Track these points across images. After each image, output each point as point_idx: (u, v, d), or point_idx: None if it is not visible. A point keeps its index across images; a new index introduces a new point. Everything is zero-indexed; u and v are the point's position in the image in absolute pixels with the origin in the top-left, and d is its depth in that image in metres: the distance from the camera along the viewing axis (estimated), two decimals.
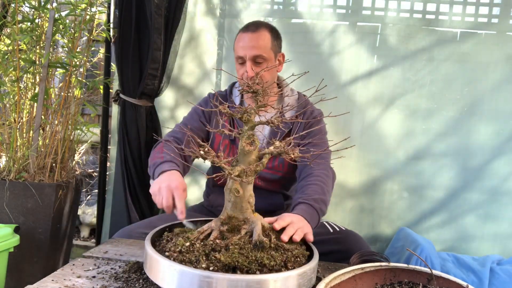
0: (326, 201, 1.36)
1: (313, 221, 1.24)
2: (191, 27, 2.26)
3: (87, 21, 2.07)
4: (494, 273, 1.78)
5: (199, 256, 0.89)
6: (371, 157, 2.15)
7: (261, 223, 0.96)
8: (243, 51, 1.52)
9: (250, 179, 0.96)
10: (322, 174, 1.43)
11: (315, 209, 1.28)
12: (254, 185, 1.61)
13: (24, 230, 1.82)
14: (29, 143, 1.98)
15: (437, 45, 2.07)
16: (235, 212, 0.98)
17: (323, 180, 1.41)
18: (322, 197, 1.34)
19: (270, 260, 0.88)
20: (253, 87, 1.01)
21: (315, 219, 1.27)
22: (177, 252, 0.92)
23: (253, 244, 0.92)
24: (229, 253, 0.89)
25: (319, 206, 1.30)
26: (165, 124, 2.27)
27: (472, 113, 2.07)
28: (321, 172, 1.43)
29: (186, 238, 0.96)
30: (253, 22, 1.62)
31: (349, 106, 2.15)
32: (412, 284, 0.90)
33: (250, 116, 0.98)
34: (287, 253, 0.93)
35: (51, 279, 0.99)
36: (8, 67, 1.97)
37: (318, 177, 1.41)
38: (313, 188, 1.37)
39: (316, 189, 1.36)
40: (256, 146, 0.97)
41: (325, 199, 1.35)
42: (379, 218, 2.17)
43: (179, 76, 2.29)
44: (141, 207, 2.11)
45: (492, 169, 2.06)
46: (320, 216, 1.30)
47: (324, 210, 1.34)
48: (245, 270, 0.87)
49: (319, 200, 1.32)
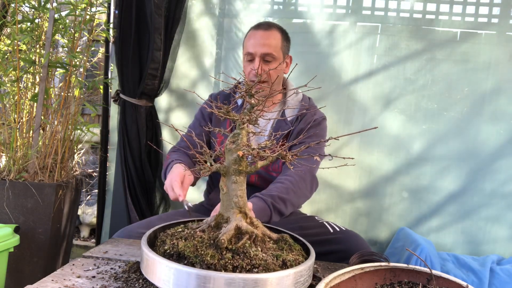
0: (287, 200, 1.37)
1: (262, 216, 1.27)
2: (190, 27, 2.26)
3: (87, 21, 2.07)
4: (494, 273, 1.78)
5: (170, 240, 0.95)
6: (371, 157, 2.15)
7: (236, 224, 0.96)
8: (254, 47, 1.53)
9: (236, 179, 0.97)
10: (294, 175, 1.43)
11: (267, 204, 1.30)
12: (252, 184, 1.63)
13: (24, 230, 1.82)
14: (29, 143, 1.98)
15: (437, 45, 2.07)
16: (222, 210, 1.00)
17: (293, 181, 1.41)
18: (282, 195, 1.35)
19: (213, 259, 0.88)
20: (251, 91, 1.01)
21: (266, 214, 1.29)
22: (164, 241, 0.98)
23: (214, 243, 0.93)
24: (186, 243, 0.92)
25: (273, 202, 1.32)
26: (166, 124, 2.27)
27: (472, 113, 2.07)
28: (294, 173, 1.43)
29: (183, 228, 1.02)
30: (264, 21, 1.65)
31: (349, 106, 2.15)
32: (412, 284, 0.90)
33: (243, 123, 0.99)
34: (245, 260, 0.89)
35: (51, 279, 0.99)
36: (8, 67, 1.97)
37: (288, 177, 1.43)
38: (276, 185, 1.39)
39: (279, 187, 1.38)
40: (237, 144, 0.97)
41: (285, 198, 1.36)
42: (379, 219, 2.17)
43: (180, 76, 2.29)
44: (141, 207, 2.11)
45: (493, 170, 2.06)
46: (273, 212, 1.32)
47: (280, 208, 1.34)
48: (191, 262, 0.89)
49: (277, 197, 1.33)
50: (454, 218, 2.09)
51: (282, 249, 0.97)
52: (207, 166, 0.97)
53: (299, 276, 0.91)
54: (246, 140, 0.99)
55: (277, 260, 0.91)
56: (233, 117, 0.99)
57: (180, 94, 2.29)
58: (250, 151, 0.95)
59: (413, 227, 2.12)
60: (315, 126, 1.60)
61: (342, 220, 2.17)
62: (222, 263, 0.87)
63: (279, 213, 1.35)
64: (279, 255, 0.93)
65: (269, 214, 1.31)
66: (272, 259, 0.91)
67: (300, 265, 0.93)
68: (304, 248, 1.06)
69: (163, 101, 2.30)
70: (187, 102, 2.28)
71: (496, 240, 2.07)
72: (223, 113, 0.98)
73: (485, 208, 2.07)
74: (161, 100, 2.29)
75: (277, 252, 0.94)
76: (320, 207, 2.19)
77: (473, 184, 2.07)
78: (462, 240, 2.09)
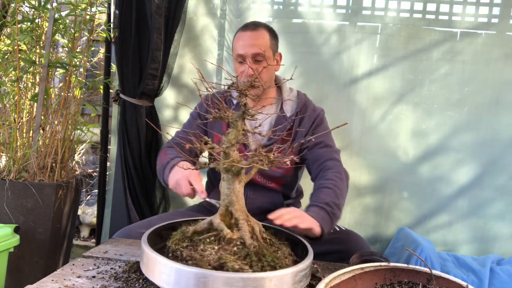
0: (339, 204, 1.36)
1: (325, 223, 1.25)
2: (192, 28, 2.26)
3: (87, 21, 2.07)
4: (494, 273, 1.78)
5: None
6: (372, 158, 2.15)
7: (211, 220, 1.00)
8: (243, 49, 1.54)
9: (224, 176, 1.00)
10: (334, 177, 1.43)
11: (326, 211, 1.29)
12: (253, 182, 1.63)
13: (24, 230, 1.82)
14: (29, 143, 1.97)
15: (437, 45, 2.07)
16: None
17: (336, 183, 1.41)
18: (334, 200, 1.34)
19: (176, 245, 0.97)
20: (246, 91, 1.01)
21: (327, 221, 1.27)
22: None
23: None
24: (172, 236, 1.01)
25: (331, 209, 1.30)
26: (166, 125, 2.27)
27: (472, 113, 2.07)
28: (333, 175, 1.44)
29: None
30: (251, 22, 1.65)
31: (349, 106, 2.15)
32: (412, 284, 0.90)
33: (237, 122, 1.00)
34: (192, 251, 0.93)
35: (51, 279, 0.99)
36: (8, 67, 1.97)
37: (331, 180, 1.42)
38: (325, 191, 1.38)
39: (328, 192, 1.37)
40: (228, 141, 0.99)
41: (338, 202, 1.35)
42: (381, 218, 2.16)
43: (180, 76, 2.29)
44: (141, 207, 2.11)
45: (494, 170, 2.06)
46: (333, 219, 1.31)
47: (337, 213, 1.34)
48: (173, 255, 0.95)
49: (331, 203, 1.32)
50: (456, 216, 2.09)
51: (244, 257, 0.92)
52: (198, 162, 1.01)
53: (298, 275, 0.91)
54: (240, 138, 0.99)
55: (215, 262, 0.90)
56: (224, 116, 1.00)
57: (190, 90, 2.29)
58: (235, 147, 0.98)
59: (414, 227, 2.12)
60: (321, 123, 1.63)
61: (342, 219, 2.17)
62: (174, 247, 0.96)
63: (337, 219, 1.35)
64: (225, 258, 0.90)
65: (329, 222, 1.29)
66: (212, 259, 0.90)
67: (299, 264, 0.93)
68: (304, 247, 1.06)
69: (170, 98, 2.30)
70: (196, 98, 2.28)
71: (495, 238, 2.07)
72: (214, 115, 0.99)
73: (485, 207, 2.07)
74: (168, 96, 2.29)
75: (230, 257, 0.91)
76: None
77: (474, 184, 2.07)
78: (472, 236, 2.09)
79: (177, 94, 2.31)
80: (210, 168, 1.77)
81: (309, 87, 2.15)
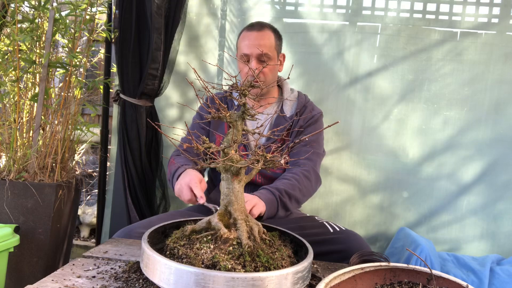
0: (292, 196, 1.40)
1: (270, 207, 1.30)
2: (192, 28, 2.26)
3: (87, 21, 2.07)
4: (494, 273, 1.78)
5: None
6: (372, 158, 2.15)
7: (209, 219, 1.01)
8: (249, 49, 1.55)
9: (223, 176, 1.00)
10: (300, 174, 1.47)
11: (274, 196, 1.33)
12: (254, 183, 1.63)
13: (24, 230, 1.82)
14: (29, 143, 1.97)
15: (437, 45, 2.07)
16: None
17: (299, 178, 1.45)
18: (289, 190, 1.38)
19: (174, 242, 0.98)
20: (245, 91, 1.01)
21: (273, 205, 1.32)
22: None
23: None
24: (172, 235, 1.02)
25: (280, 195, 1.35)
26: (166, 125, 2.28)
27: (472, 113, 2.07)
28: (300, 172, 1.48)
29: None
30: (256, 22, 1.67)
31: (349, 106, 2.15)
32: (412, 284, 0.90)
33: (237, 122, 1.00)
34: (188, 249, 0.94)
35: (51, 279, 0.99)
36: (8, 67, 1.97)
37: (294, 174, 1.47)
38: (283, 181, 1.42)
39: (285, 183, 1.41)
40: (227, 141, 1.00)
41: (291, 193, 1.39)
42: (381, 218, 2.17)
43: (187, 75, 2.30)
44: (141, 207, 2.11)
45: (495, 170, 2.06)
46: (280, 205, 1.35)
47: (287, 203, 1.37)
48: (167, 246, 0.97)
49: (283, 192, 1.36)
50: (457, 216, 2.09)
51: (238, 257, 0.91)
52: (200, 162, 1.00)
53: (298, 275, 0.91)
54: (238, 138, 1.00)
55: (209, 260, 0.90)
56: (223, 116, 1.00)
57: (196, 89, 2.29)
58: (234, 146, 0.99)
59: (414, 226, 2.12)
60: (313, 123, 1.63)
61: (351, 216, 2.17)
62: (172, 245, 0.97)
63: (285, 208, 1.37)
64: (219, 257, 0.90)
65: (276, 206, 1.33)
66: (206, 258, 0.90)
67: (299, 264, 0.93)
68: (303, 247, 1.06)
69: (175, 97, 2.30)
70: (194, 100, 2.28)
71: (495, 237, 2.07)
72: (213, 115, 1.00)
73: (486, 206, 2.07)
74: (173, 95, 2.29)
75: (224, 256, 0.91)
76: (336, 199, 2.18)
77: (473, 184, 2.07)
78: (472, 236, 2.09)
79: (182, 94, 2.31)
80: (211, 168, 1.79)
81: (309, 87, 2.15)
